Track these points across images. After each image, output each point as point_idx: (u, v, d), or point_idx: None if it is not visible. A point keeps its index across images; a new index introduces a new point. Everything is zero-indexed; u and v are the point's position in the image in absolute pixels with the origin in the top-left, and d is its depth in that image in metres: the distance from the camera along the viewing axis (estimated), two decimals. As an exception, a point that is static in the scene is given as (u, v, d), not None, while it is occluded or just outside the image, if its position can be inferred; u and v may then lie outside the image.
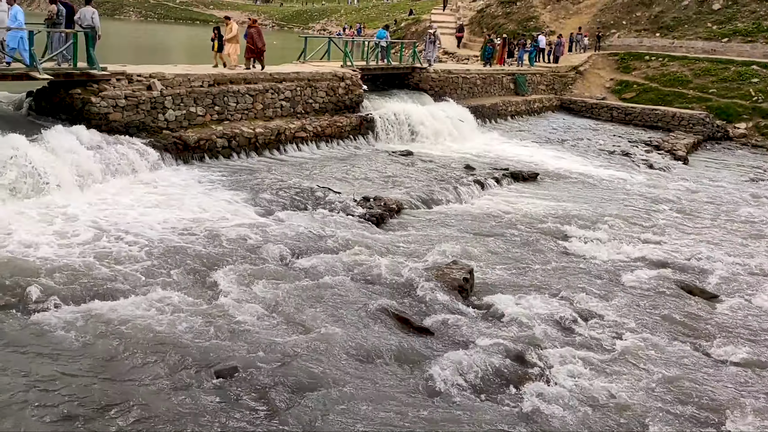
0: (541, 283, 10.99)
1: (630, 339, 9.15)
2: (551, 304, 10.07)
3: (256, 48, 19.32)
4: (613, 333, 9.33)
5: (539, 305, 9.99)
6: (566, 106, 33.26)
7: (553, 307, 9.95)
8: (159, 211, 12.39)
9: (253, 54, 19.38)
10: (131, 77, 15.78)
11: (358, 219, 13.27)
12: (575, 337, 9.13)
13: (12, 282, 8.73)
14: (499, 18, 42.31)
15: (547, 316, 9.65)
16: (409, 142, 21.86)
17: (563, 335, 9.11)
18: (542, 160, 21.69)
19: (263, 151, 17.85)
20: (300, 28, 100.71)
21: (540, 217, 14.97)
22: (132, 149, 14.61)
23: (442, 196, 15.95)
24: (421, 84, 25.40)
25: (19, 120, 14.63)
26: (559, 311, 9.80)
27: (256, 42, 19.30)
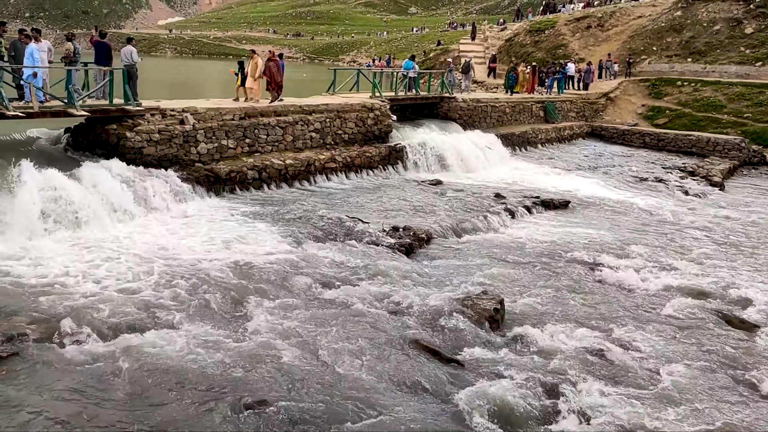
0: (574, 314, 10.77)
1: (668, 372, 8.87)
2: (585, 336, 9.85)
3: (275, 81, 19.58)
4: (650, 366, 9.06)
5: (572, 336, 9.77)
6: (597, 132, 32.97)
7: (587, 339, 9.72)
8: (190, 243, 12.55)
9: (272, 86, 19.64)
10: (165, 112, 16.14)
11: (387, 249, 13.23)
12: (611, 369, 8.88)
13: (47, 315, 8.88)
14: (527, 47, 42.40)
15: (580, 347, 9.43)
16: (439, 171, 21.86)
17: (598, 368, 8.87)
18: (573, 187, 21.44)
19: (293, 183, 18.01)
20: (330, 61, 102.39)
21: (572, 245, 14.74)
22: (165, 182, 14.89)
23: (472, 225, 15.84)
24: (449, 113, 25.48)
25: (56, 155, 15.04)
26: (593, 343, 9.58)
27: (275, 75, 19.56)
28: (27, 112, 13.65)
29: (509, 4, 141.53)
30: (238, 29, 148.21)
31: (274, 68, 19.59)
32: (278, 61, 20.10)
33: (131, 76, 16.23)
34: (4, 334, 8.10)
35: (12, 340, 8.07)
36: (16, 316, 8.63)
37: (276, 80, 19.58)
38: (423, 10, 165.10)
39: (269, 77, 19.54)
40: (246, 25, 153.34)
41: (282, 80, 19.92)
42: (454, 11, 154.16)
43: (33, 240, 11.65)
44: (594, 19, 41.86)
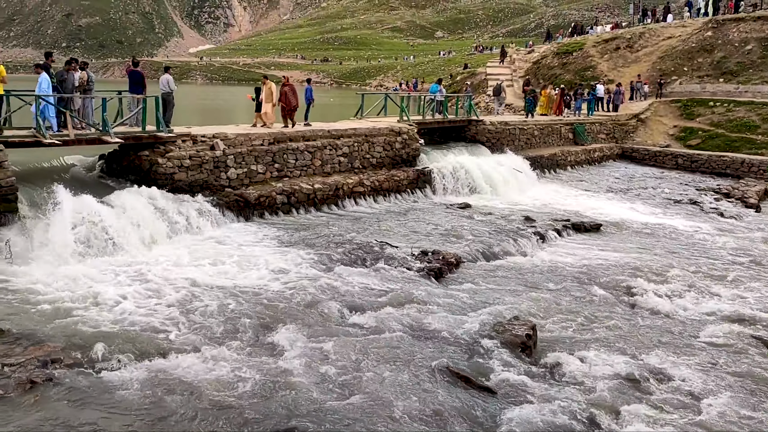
0: (609, 340, 10.52)
1: (709, 402, 8.57)
2: (620, 363, 9.59)
3: (289, 106, 19.49)
4: (689, 394, 8.78)
5: (607, 364, 9.53)
6: (628, 154, 32.59)
7: (623, 366, 9.47)
8: (220, 267, 12.62)
9: (286, 112, 19.54)
10: (196, 138, 16.38)
11: (416, 273, 13.15)
12: (648, 398, 8.62)
13: (81, 339, 8.97)
14: (555, 69, 42.27)
15: (616, 375, 9.19)
16: (467, 194, 21.75)
17: (635, 397, 8.62)
18: (605, 210, 21.14)
19: (322, 207, 18.08)
20: (357, 85, 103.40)
21: (605, 269, 14.47)
22: (195, 208, 15.07)
23: (501, 249, 15.67)
24: (477, 136, 25.43)
25: (91, 182, 15.33)
26: (629, 370, 9.33)
27: (290, 100, 19.47)
28: (63, 139, 13.97)
29: (536, 27, 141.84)
30: (267, 56, 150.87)
31: (289, 93, 19.55)
32: (293, 86, 20.06)
33: (168, 104, 16.58)
34: (39, 360, 8.19)
35: (47, 365, 8.15)
36: (51, 342, 8.72)
37: (291, 105, 19.47)
38: (449, 34, 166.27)
39: (285, 103, 19.48)
40: (275, 52, 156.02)
41: (297, 104, 19.69)
42: (481, 35, 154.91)
43: (67, 264, 11.84)
44: (623, 41, 41.62)
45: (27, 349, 8.42)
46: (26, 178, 14.25)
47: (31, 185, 13.82)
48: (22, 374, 7.79)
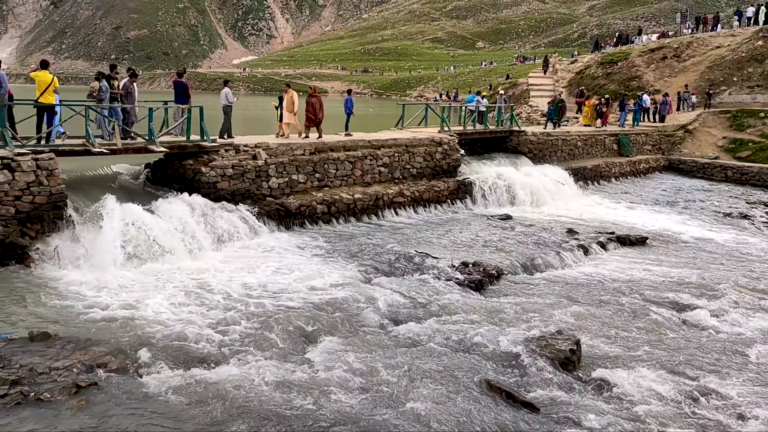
0: (656, 357, 10.19)
1: (759, 422, 8.20)
2: (669, 380, 9.28)
3: (315, 117, 19.05)
4: (742, 415, 8.42)
5: (655, 381, 9.23)
6: (675, 166, 31.80)
7: (671, 384, 9.16)
8: (261, 276, 12.69)
9: (311, 123, 19.10)
10: (238, 148, 16.58)
11: (457, 285, 13.00)
12: (698, 419, 8.30)
13: (125, 345, 9.09)
14: (599, 79, 41.64)
15: (664, 393, 8.89)
16: (508, 206, 21.49)
17: (685, 416, 8.32)
18: (651, 223, 20.62)
19: (362, 217, 18.08)
20: (398, 96, 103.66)
21: (651, 284, 14.07)
22: (237, 216, 15.22)
23: (543, 261, 15.40)
24: (519, 147, 25.15)
25: (136, 190, 15.64)
26: (677, 389, 9.01)
27: (317, 111, 19.03)
28: (111, 148, 14.29)
29: (579, 37, 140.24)
30: (308, 66, 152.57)
31: (316, 104, 19.10)
32: (320, 97, 19.66)
33: (227, 115, 17.64)
34: (84, 364, 8.32)
35: (92, 369, 8.28)
36: (96, 347, 8.86)
37: (317, 116, 19.03)
38: (490, 44, 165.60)
39: (311, 113, 19.02)
40: (316, 63, 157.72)
41: (322, 117, 19.22)
42: (522, 45, 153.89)
43: (113, 270, 12.07)
44: (670, 50, 40.76)
45: (73, 353, 8.58)
46: (76, 185, 14.62)
47: (80, 193, 14.18)
48: (67, 378, 7.92)
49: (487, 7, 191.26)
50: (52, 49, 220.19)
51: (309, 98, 19.26)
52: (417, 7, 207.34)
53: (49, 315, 10.02)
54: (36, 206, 12.42)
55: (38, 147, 13.19)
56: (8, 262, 11.80)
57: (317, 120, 19.07)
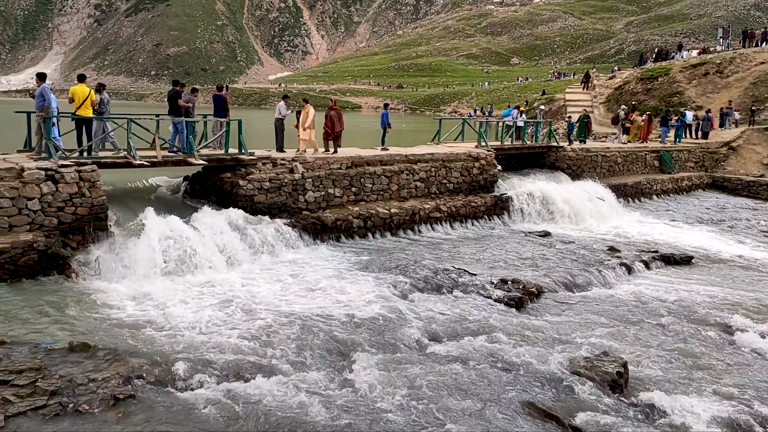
0: (706, 380, 9.76)
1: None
2: (721, 406, 8.86)
3: (333, 131, 18.72)
4: (802, 446, 7.96)
5: (707, 407, 8.81)
6: (719, 184, 30.94)
7: (724, 410, 8.74)
8: (297, 290, 12.59)
9: (330, 136, 18.78)
10: (276, 161, 16.60)
11: (496, 302, 12.73)
12: (755, 448, 7.87)
13: (163, 356, 9.04)
14: (639, 94, 40.91)
15: (715, 419, 8.48)
16: (547, 222, 21.10)
17: (741, 446, 7.89)
18: (695, 242, 20.00)
19: (397, 232, 17.91)
20: (432, 111, 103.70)
21: (698, 305, 13.57)
22: (274, 230, 15.19)
23: (585, 279, 15.00)
24: (557, 163, 24.77)
25: (175, 202, 15.75)
26: (730, 415, 8.58)
27: (335, 125, 18.69)
28: (151, 161, 14.42)
29: (616, 53, 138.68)
30: (343, 82, 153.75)
31: (335, 118, 18.76)
32: (339, 111, 19.27)
33: (278, 128, 18.04)
34: (122, 376, 8.28)
35: (129, 381, 8.23)
36: (134, 358, 8.83)
37: (336, 130, 18.70)
38: (525, 60, 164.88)
39: (329, 127, 18.73)
40: (350, 78, 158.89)
41: (341, 129, 18.95)
42: (558, 61, 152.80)
43: (152, 282, 12.10)
44: (712, 66, 39.85)
45: (111, 364, 8.55)
46: (116, 197, 14.81)
47: (121, 205, 14.34)
48: (106, 390, 7.88)
49: (522, 23, 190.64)
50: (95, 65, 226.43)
51: (328, 111, 19.06)
52: (452, 23, 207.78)
53: (89, 325, 10.05)
54: (78, 217, 12.56)
55: (81, 159, 13.38)
56: (50, 272, 11.92)
57: (335, 133, 18.78)
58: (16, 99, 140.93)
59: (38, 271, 11.79)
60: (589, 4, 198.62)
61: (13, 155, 14.00)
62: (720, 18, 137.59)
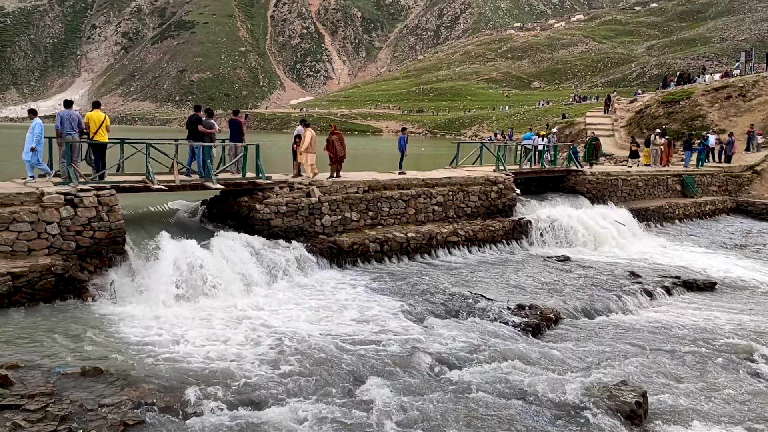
0: (729, 412, 9.45)
1: None
2: (745, 440, 8.54)
3: (336, 156, 18.40)
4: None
5: (730, 440, 8.51)
6: (743, 208, 30.40)
7: (748, 444, 8.42)
8: (312, 315, 12.52)
9: (333, 161, 18.45)
10: (292, 185, 16.67)
11: (512, 328, 12.53)
12: (782, 484, 7.56)
13: (175, 382, 9.00)
14: (660, 118, 40.58)
15: (740, 454, 8.16)
16: (566, 246, 20.85)
17: (766, 481, 7.59)
18: (719, 267, 19.59)
19: (414, 256, 17.81)
20: (452, 135, 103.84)
21: (722, 333, 13.22)
22: (290, 254, 15.19)
23: (604, 305, 14.73)
24: (577, 187, 24.56)
25: (192, 226, 15.85)
26: (756, 449, 8.27)
27: (337, 150, 18.36)
28: (169, 185, 14.55)
29: (637, 77, 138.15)
30: (364, 107, 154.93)
31: (337, 142, 18.39)
32: (341, 134, 18.85)
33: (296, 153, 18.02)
34: (132, 401, 8.25)
35: (140, 407, 8.19)
36: (146, 384, 8.80)
37: (338, 155, 18.36)
38: (546, 84, 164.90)
39: (331, 152, 18.40)
40: (371, 103, 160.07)
41: (344, 154, 18.64)
42: (579, 85, 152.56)
43: (166, 307, 12.12)
44: (735, 89, 39.46)
45: (123, 389, 8.53)
46: (135, 221, 14.95)
47: (139, 228, 14.45)
48: (116, 416, 7.84)
49: (543, 47, 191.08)
50: (121, 92, 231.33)
51: (330, 136, 18.54)
52: (472, 48, 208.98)
53: (102, 350, 10.05)
54: (96, 241, 12.67)
55: (101, 183, 13.54)
56: (67, 296, 12.00)
57: (338, 158, 18.43)
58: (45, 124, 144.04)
59: (55, 295, 11.87)
60: (610, 28, 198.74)
61: (35, 180, 14.21)
62: (743, 41, 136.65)
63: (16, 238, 11.94)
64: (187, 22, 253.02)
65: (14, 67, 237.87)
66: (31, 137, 13.69)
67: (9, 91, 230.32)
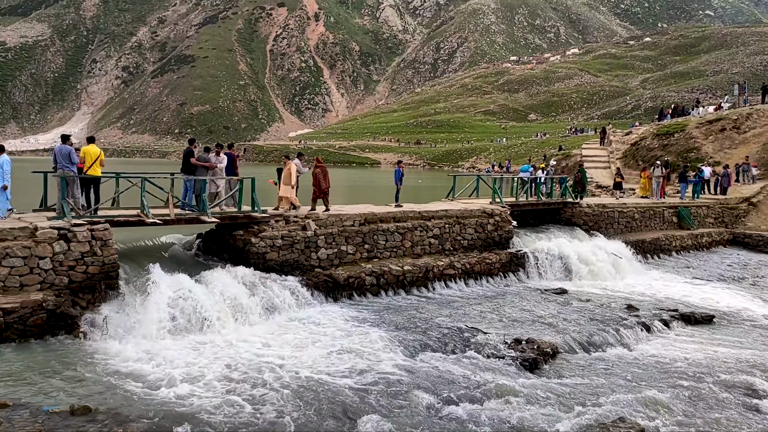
0: (731, 450, 9.28)
1: None
2: (746, 479, 8.38)
3: (320, 188, 18.17)
4: None
5: (731, 479, 8.34)
6: (740, 240, 30.38)
7: (750, 483, 8.26)
8: (306, 350, 12.38)
9: (317, 195, 18.23)
10: (288, 218, 16.65)
11: (509, 363, 12.39)
12: None
13: (164, 421, 8.88)
14: (655, 150, 40.84)
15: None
16: (563, 279, 20.77)
17: None
18: (716, 300, 19.47)
19: (411, 289, 17.71)
20: (450, 167, 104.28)
21: (721, 367, 13.08)
22: (286, 288, 15.10)
23: (602, 339, 14.60)
24: (574, 219, 24.59)
25: (187, 260, 15.78)
26: (757, 488, 8.10)
27: (321, 182, 18.15)
28: (164, 219, 14.52)
29: (633, 109, 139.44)
30: (362, 139, 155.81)
31: (320, 175, 18.22)
32: (324, 167, 18.66)
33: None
34: (120, 441, 8.09)
35: (128, 447, 8.04)
36: (135, 422, 8.66)
37: (322, 188, 18.14)
38: (542, 116, 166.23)
39: (315, 185, 18.19)
40: (369, 135, 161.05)
41: (328, 187, 18.35)
42: (575, 117, 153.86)
43: (158, 342, 11.99)
44: (729, 122, 39.81)
45: (111, 430, 8.37)
46: (129, 255, 14.88)
47: (133, 262, 14.38)
48: (103, 456, 7.69)
49: (539, 80, 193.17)
50: (121, 125, 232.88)
51: (314, 169, 18.36)
52: (469, 81, 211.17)
53: (92, 387, 9.90)
54: (89, 276, 12.60)
55: (95, 217, 13.50)
56: (58, 332, 11.87)
57: (322, 190, 18.19)
58: (43, 158, 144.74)
59: (46, 331, 11.74)
60: (605, 62, 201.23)
61: (29, 214, 14.20)
62: (737, 74, 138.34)
63: (9, 274, 11.86)
64: (188, 56, 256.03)
65: (14, 101, 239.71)
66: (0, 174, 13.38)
67: (9, 125, 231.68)
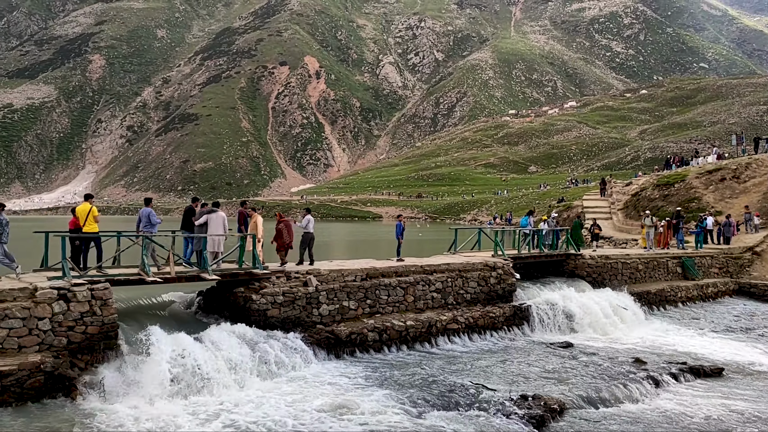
0: None
1: None
2: None
3: (283, 243, 17.98)
4: None
5: None
6: (746, 290, 30.06)
7: None
8: (310, 411, 12.11)
9: (282, 249, 17.99)
10: (290, 274, 16.57)
11: (516, 420, 12.11)
12: None
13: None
14: (656, 200, 40.96)
15: None
16: (568, 332, 20.50)
17: None
18: (725, 352, 19.14)
19: (414, 344, 17.46)
20: (451, 220, 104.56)
21: (732, 422, 12.76)
22: (287, 346, 14.91)
23: (610, 394, 14.29)
24: (577, 271, 24.45)
25: (187, 318, 15.64)
26: None
27: (284, 237, 17.98)
28: (165, 277, 14.46)
29: (632, 160, 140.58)
30: (364, 193, 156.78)
31: (284, 229, 18.10)
32: (288, 221, 18.61)
33: (306, 241, 18.43)
34: None
35: None
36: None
37: (285, 243, 18.00)
38: (542, 167, 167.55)
39: (279, 239, 18.01)
40: (371, 189, 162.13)
41: (291, 242, 18.20)
42: (575, 168, 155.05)
43: (157, 404, 11.76)
44: (728, 171, 40.03)
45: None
46: (129, 314, 14.76)
47: (133, 321, 14.24)
48: None
49: (538, 133, 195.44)
50: (125, 182, 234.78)
51: (277, 225, 18.22)
52: (469, 134, 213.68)
53: (87, 452, 9.65)
54: (88, 337, 12.45)
55: (95, 276, 13.44)
56: (56, 394, 11.63)
57: (287, 245, 18.00)
58: (46, 217, 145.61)
59: (44, 393, 11.51)
60: (603, 114, 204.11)
61: (29, 274, 14.15)
62: (734, 125, 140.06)
63: (7, 335, 11.73)
64: (191, 114, 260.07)
65: (19, 161, 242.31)
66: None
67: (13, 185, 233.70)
